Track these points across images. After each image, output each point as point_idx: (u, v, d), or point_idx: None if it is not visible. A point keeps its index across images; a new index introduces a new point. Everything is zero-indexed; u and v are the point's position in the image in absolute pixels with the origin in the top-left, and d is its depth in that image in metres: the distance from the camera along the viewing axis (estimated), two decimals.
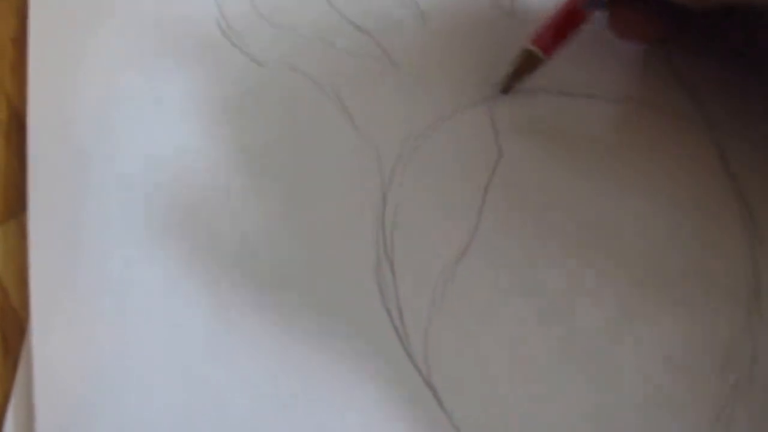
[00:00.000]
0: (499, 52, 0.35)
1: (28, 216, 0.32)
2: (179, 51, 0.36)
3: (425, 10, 0.37)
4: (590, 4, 0.33)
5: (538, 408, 0.29)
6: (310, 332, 0.30)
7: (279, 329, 0.30)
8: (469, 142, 0.33)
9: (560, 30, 0.34)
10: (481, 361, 0.30)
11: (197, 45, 0.36)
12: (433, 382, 0.29)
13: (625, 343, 0.30)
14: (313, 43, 0.36)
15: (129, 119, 0.34)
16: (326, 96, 0.34)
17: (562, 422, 0.29)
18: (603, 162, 0.33)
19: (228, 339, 0.30)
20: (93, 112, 0.34)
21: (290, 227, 0.32)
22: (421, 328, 0.30)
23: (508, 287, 0.31)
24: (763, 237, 0.32)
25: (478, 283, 0.31)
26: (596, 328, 0.30)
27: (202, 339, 0.30)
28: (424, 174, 0.33)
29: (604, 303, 0.31)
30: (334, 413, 0.29)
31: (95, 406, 0.29)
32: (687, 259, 0.31)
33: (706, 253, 0.32)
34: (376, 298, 0.31)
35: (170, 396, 0.29)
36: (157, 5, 0.37)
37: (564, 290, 0.31)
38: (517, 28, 0.35)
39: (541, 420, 0.29)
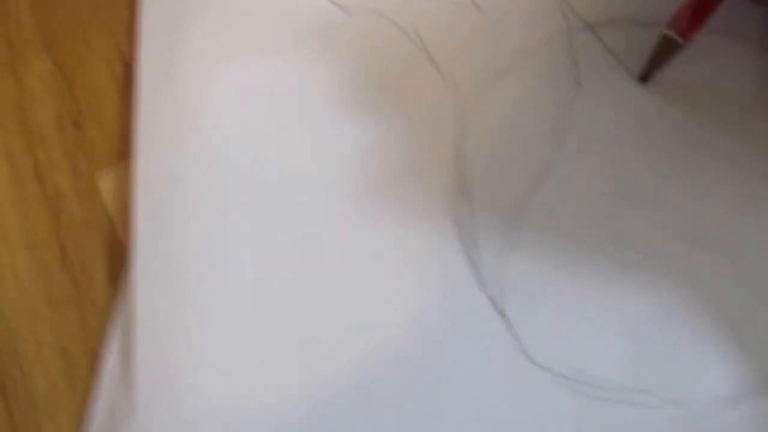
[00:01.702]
0: None
1: (136, 159, 0.35)
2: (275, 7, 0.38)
3: None
4: None
5: (606, 338, 0.28)
6: (385, 261, 0.31)
7: (355, 259, 0.31)
8: (548, 75, 0.33)
9: (699, 10, 0.31)
10: (556, 292, 0.29)
11: None
12: (507, 312, 0.29)
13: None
14: None
15: (229, 70, 0.36)
16: (408, 39, 0.35)
17: (633, 353, 0.28)
18: (683, 96, 0.32)
19: (313, 271, 0.31)
20: (198, 68, 0.37)
21: (371, 161, 0.33)
22: (496, 259, 0.30)
23: (583, 221, 0.30)
24: None
25: (554, 217, 0.31)
26: (673, 260, 0.29)
27: (290, 271, 0.32)
28: (503, 109, 0.33)
29: (684, 238, 0.30)
30: (406, 341, 0.29)
31: (189, 325, 0.31)
32: None
33: None
34: (451, 230, 0.31)
35: (255, 322, 0.31)
36: None
37: (641, 227, 0.30)
38: None
39: (612, 350, 0.28)
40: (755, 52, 0.33)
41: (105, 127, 0.36)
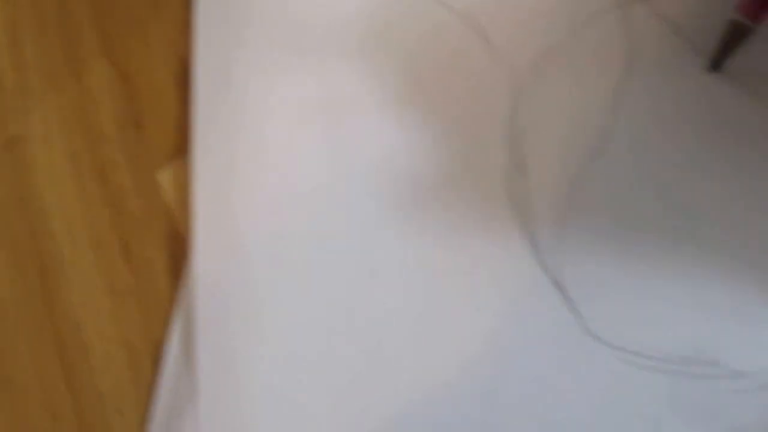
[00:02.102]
0: None
1: (194, 153, 0.35)
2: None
3: None
4: None
5: (671, 311, 0.28)
6: (444, 237, 0.30)
7: (414, 234, 0.31)
8: (601, 48, 0.32)
9: None
10: (615, 263, 0.28)
11: None
12: (568, 288, 0.28)
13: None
14: None
15: (284, 67, 0.36)
16: (460, 18, 0.34)
17: (700, 321, 0.27)
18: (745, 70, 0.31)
19: (374, 259, 0.31)
20: (253, 63, 0.37)
21: (425, 140, 0.32)
22: (555, 236, 0.29)
23: (643, 193, 0.29)
24: None
25: (612, 189, 0.30)
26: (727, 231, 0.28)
27: (356, 259, 0.31)
28: (556, 81, 0.32)
29: (737, 208, 0.29)
30: (465, 316, 0.29)
31: (249, 316, 0.31)
32: None
33: None
34: (508, 208, 0.30)
35: (317, 315, 0.31)
36: None
37: (701, 198, 0.29)
38: None
39: (674, 319, 0.27)
40: None
41: (164, 124, 0.37)
